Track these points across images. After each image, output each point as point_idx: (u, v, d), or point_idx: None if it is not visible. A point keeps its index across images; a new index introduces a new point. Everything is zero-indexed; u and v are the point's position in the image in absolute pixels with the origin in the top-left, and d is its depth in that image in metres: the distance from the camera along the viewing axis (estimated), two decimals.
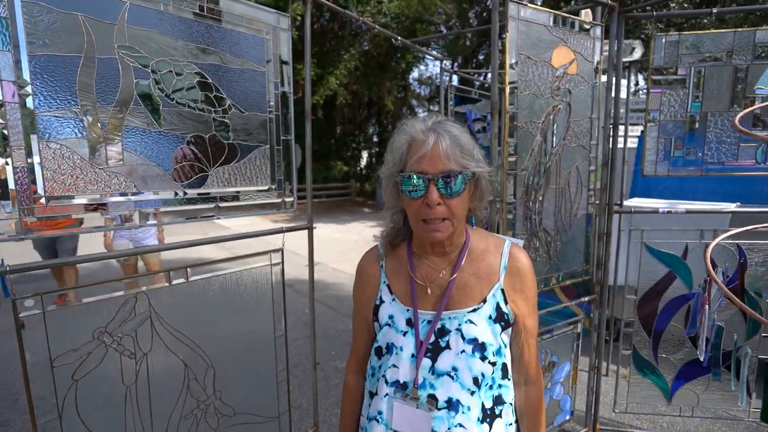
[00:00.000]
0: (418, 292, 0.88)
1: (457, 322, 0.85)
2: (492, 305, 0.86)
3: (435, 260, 0.89)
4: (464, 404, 0.82)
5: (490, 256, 0.90)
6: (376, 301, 0.91)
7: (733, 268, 1.84)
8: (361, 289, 0.95)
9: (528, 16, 1.47)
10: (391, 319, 0.88)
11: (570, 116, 1.63)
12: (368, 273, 0.94)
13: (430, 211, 0.79)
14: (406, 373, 0.85)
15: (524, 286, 0.89)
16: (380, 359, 0.90)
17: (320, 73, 10.19)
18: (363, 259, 0.97)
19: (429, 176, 0.78)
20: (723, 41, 1.76)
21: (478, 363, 0.83)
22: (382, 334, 0.89)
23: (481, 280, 0.87)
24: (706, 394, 2.00)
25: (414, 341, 0.85)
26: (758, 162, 1.78)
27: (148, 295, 1.30)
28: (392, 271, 0.92)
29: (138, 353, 1.29)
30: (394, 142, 0.84)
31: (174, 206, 1.34)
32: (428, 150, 0.78)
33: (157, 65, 1.25)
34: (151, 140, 1.27)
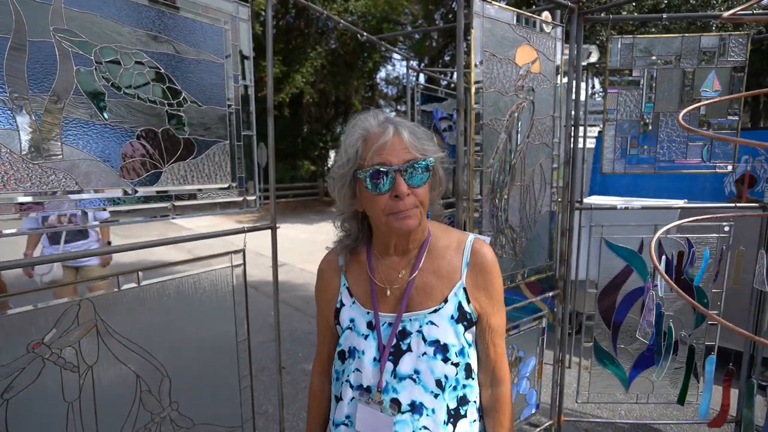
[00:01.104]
0: (378, 295, 0.86)
1: (418, 324, 0.83)
2: (454, 305, 0.83)
3: (395, 260, 0.87)
4: (428, 407, 0.80)
5: (452, 252, 0.86)
6: (336, 304, 0.90)
7: (685, 261, 1.95)
8: (322, 292, 0.94)
9: (492, 14, 1.48)
10: (353, 323, 0.87)
11: (534, 114, 1.66)
12: (328, 276, 0.93)
13: (399, 204, 0.77)
14: (369, 377, 0.83)
15: (488, 283, 0.85)
16: (343, 363, 0.89)
17: (286, 71, 9.99)
18: (323, 262, 0.95)
19: (394, 167, 0.76)
20: (672, 46, 1.85)
21: (441, 365, 0.80)
22: (345, 338, 0.88)
23: (441, 279, 0.84)
24: (660, 381, 2.11)
25: (375, 344, 0.83)
26: (704, 160, 1.89)
27: (93, 302, 1.19)
28: (352, 273, 0.90)
29: (82, 366, 1.18)
30: (347, 139, 0.81)
31: (123, 205, 1.24)
32: (388, 140, 0.76)
33: (101, 52, 1.15)
34: (96, 134, 1.17)
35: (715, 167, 1.91)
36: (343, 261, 0.91)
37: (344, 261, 0.91)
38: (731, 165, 1.89)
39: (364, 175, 0.77)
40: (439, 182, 0.87)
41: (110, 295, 1.24)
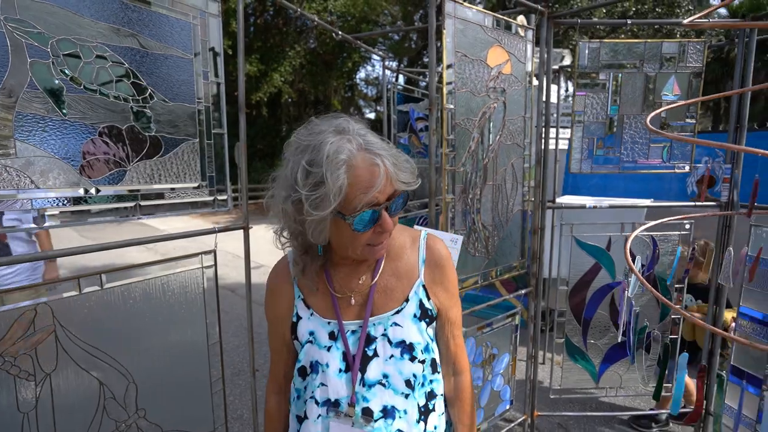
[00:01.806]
0: (341, 303, 0.83)
1: (382, 328, 0.81)
2: (415, 303, 0.83)
3: (351, 268, 0.84)
4: (400, 409, 0.80)
5: (408, 251, 0.87)
6: (292, 318, 0.85)
7: (649, 258, 2.03)
8: (275, 307, 0.88)
9: (464, 16, 1.50)
10: (312, 336, 0.83)
11: (505, 115, 1.69)
12: (280, 288, 0.87)
13: (382, 237, 0.76)
14: (336, 390, 0.79)
15: (444, 277, 0.87)
16: (305, 380, 0.84)
17: (264, 70, 9.84)
18: (273, 274, 0.89)
19: (382, 205, 0.73)
20: (636, 51, 1.93)
21: (408, 365, 0.80)
22: (305, 353, 0.83)
23: (401, 279, 0.84)
24: (628, 374, 2.19)
25: (340, 355, 0.81)
26: (664, 161, 1.98)
27: (51, 307, 1.14)
28: (306, 283, 0.85)
29: (39, 374, 1.13)
30: (326, 167, 0.68)
31: (84, 205, 1.19)
32: (380, 180, 0.70)
33: (58, 44, 1.10)
34: (53, 130, 1.12)
35: (674, 167, 2.00)
36: (296, 269, 0.84)
37: (297, 269, 0.84)
38: (689, 165, 1.98)
39: (356, 219, 0.72)
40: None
41: (71, 299, 1.19)
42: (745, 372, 1.85)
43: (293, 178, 0.71)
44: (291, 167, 0.73)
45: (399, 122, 3.00)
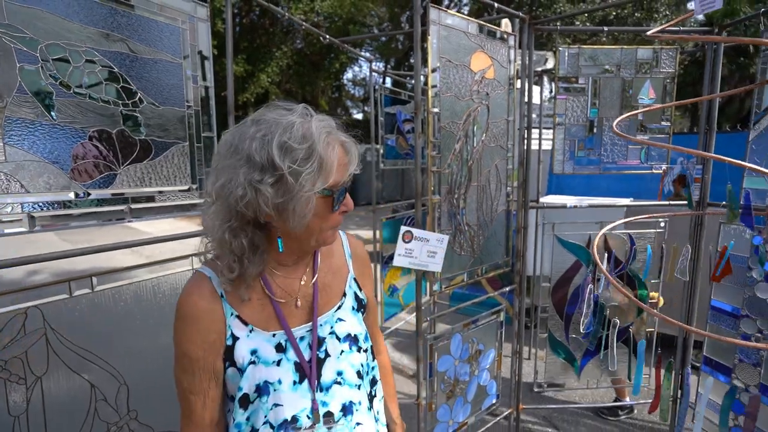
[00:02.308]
0: (284, 310, 0.77)
1: (329, 326, 0.81)
2: (351, 296, 0.86)
3: (290, 270, 0.80)
4: (356, 401, 0.80)
5: (335, 248, 0.89)
6: (226, 342, 0.74)
7: (626, 255, 2.11)
8: (198, 336, 0.73)
9: (448, 22, 1.55)
10: (255, 355, 0.74)
11: (489, 118, 1.75)
12: (204, 312, 0.73)
13: (340, 218, 0.77)
14: (293, 406, 0.73)
15: (366, 269, 0.93)
16: (248, 409, 0.74)
17: (251, 70, 9.77)
18: (190, 298, 0.74)
19: (347, 185, 0.76)
20: (613, 56, 2.01)
21: (357, 356, 0.82)
22: (247, 377, 0.73)
23: (335, 275, 0.86)
24: (606, 367, 2.27)
25: (292, 367, 0.75)
26: (642, 161, 2.07)
27: (41, 310, 1.14)
28: (237, 297, 0.75)
29: (29, 377, 1.13)
30: (321, 142, 0.68)
31: (75, 209, 1.20)
32: (351, 160, 0.75)
33: (47, 49, 1.11)
34: (43, 134, 1.12)
35: (651, 168, 2.09)
36: (225, 279, 0.74)
37: (227, 279, 0.74)
38: (664, 166, 2.07)
39: (337, 195, 0.72)
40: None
41: (61, 302, 1.19)
42: (716, 362, 1.95)
43: (264, 158, 0.66)
44: (255, 148, 0.67)
45: (386, 124, 3.05)
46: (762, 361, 1.79)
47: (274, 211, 0.69)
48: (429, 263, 1.55)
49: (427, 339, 1.66)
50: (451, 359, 1.78)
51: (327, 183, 0.69)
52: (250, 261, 0.73)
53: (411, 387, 3.08)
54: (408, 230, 1.49)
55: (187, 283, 0.77)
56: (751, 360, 1.84)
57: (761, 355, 1.80)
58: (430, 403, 1.72)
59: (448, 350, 1.76)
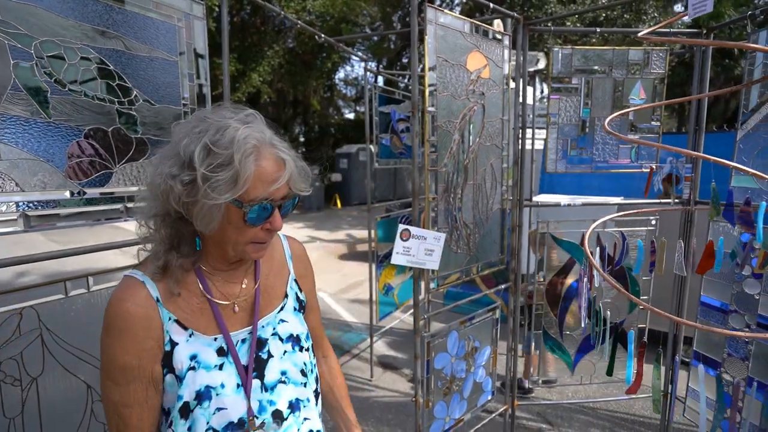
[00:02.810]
0: (224, 314, 0.77)
1: (271, 328, 0.82)
2: (292, 297, 0.88)
3: (230, 274, 0.80)
4: (303, 398, 0.82)
5: (276, 248, 0.90)
6: (165, 348, 0.72)
7: (618, 252, 2.15)
8: (133, 344, 0.69)
9: (444, 22, 1.56)
10: (195, 360, 0.73)
11: (484, 117, 1.77)
12: (138, 317, 0.70)
13: (268, 235, 0.74)
14: (237, 410, 0.73)
15: (306, 270, 0.94)
16: (189, 417, 0.72)
17: (242, 69, 9.70)
18: (120, 301, 0.70)
19: (276, 203, 0.72)
20: (605, 57, 2.04)
21: (300, 355, 0.83)
22: (187, 384, 0.71)
23: (277, 276, 0.87)
24: (600, 363, 2.31)
25: (234, 371, 0.75)
26: (632, 160, 2.11)
27: (36, 310, 1.13)
28: (173, 299, 0.73)
29: (25, 379, 1.12)
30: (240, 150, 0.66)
31: (70, 207, 1.19)
32: (283, 177, 0.70)
33: (42, 46, 1.10)
34: (38, 132, 1.11)
35: (641, 167, 2.13)
36: (156, 289, 0.72)
37: (158, 288, 0.72)
38: (654, 165, 2.11)
39: (251, 209, 0.69)
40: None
41: (57, 303, 1.18)
42: (706, 357, 2.00)
43: (187, 155, 0.67)
44: (186, 144, 0.68)
45: (380, 123, 3.05)
46: (750, 355, 1.84)
47: (182, 209, 0.69)
48: (426, 261, 1.56)
49: (424, 336, 1.67)
50: (447, 356, 1.79)
51: (237, 194, 0.67)
52: (177, 251, 0.74)
53: (406, 385, 3.10)
54: (406, 228, 1.50)
55: (116, 290, 0.73)
56: (739, 354, 1.89)
57: (749, 350, 1.85)
58: (427, 401, 1.73)
59: (444, 347, 1.77)
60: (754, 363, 1.84)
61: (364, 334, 3.97)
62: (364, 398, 2.92)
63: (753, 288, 1.83)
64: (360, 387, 3.08)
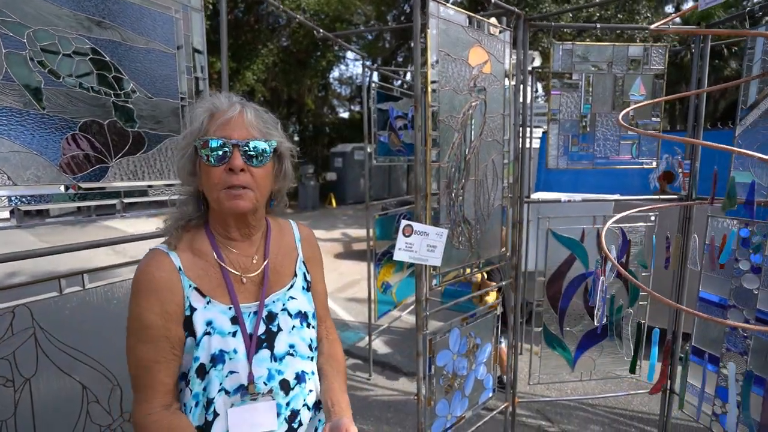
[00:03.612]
0: (235, 285, 0.83)
1: (281, 304, 0.87)
2: (300, 277, 0.92)
3: (242, 246, 0.86)
4: (308, 371, 0.88)
5: (286, 232, 0.96)
6: (186, 312, 0.78)
7: (619, 248, 2.15)
8: (158, 304, 0.76)
9: (446, 16, 1.54)
10: (210, 326, 0.78)
11: (486, 112, 1.76)
12: (163, 282, 0.77)
13: (233, 178, 0.77)
14: (247, 374, 0.79)
15: (316, 254, 0.99)
16: (205, 379, 0.77)
17: (236, 68, 9.62)
18: (147, 267, 0.78)
19: (233, 141, 0.77)
20: (605, 53, 2.04)
21: (307, 331, 0.89)
22: (203, 347, 0.77)
23: (287, 256, 0.92)
24: (600, 359, 2.31)
25: (247, 339, 0.81)
26: (633, 156, 2.11)
27: (30, 309, 1.09)
28: (194, 269, 0.80)
29: (18, 379, 1.08)
30: (194, 110, 0.81)
31: (64, 202, 1.15)
32: (233, 116, 0.78)
33: (35, 35, 1.06)
34: (31, 124, 1.07)
35: (642, 163, 2.13)
36: (179, 258, 0.80)
37: (180, 258, 0.80)
38: (655, 161, 2.12)
39: (202, 145, 0.77)
40: (285, 174, 0.87)
41: (50, 301, 1.14)
42: (705, 352, 2.00)
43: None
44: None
45: (378, 120, 3.03)
46: (749, 349, 1.85)
47: (190, 178, 0.82)
48: (429, 257, 1.55)
49: (426, 334, 1.66)
50: (449, 354, 1.78)
51: (195, 136, 0.78)
52: (187, 212, 0.84)
53: (405, 383, 3.08)
54: (408, 224, 1.48)
55: (142, 260, 0.81)
56: (738, 349, 1.90)
57: (748, 344, 1.86)
58: (429, 399, 1.72)
59: (446, 345, 1.76)
60: (753, 357, 1.85)
61: (362, 333, 3.95)
62: (363, 397, 2.90)
63: (752, 283, 1.84)
64: (359, 386, 3.05)
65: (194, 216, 0.85)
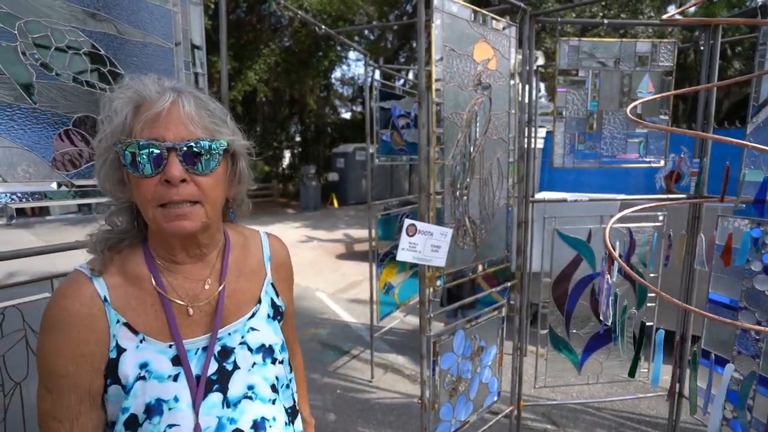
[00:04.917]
0: (179, 318, 0.67)
1: (239, 336, 0.71)
2: (267, 303, 0.77)
3: (190, 269, 0.70)
4: (269, 417, 0.71)
5: (252, 249, 0.80)
6: (110, 354, 0.63)
7: (626, 247, 2.11)
8: (69, 347, 0.61)
9: (451, 10, 1.50)
10: (145, 369, 0.63)
11: (491, 110, 1.72)
12: (80, 317, 0.61)
13: (171, 192, 0.60)
14: (192, 427, 0.63)
15: (288, 274, 0.84)
16: (138, 431, 0.62)
17: (238, 67, 9.60)
18: (61, 298, 0.62)
19: (167, 144, 0.59)
20: (612, 49, 2.00)
21: (271, 368, 0.73)
22: (134, 395, 0.62)
23: (250, 279, 0.76)
24: (607, 362, 2.27)
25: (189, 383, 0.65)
26: (641, 155, 2.07)
27: (21, 310, 1.06)
28: (124, 299, 0.64)
29: (8, 383, 1.04)
30: (114, 101, 0.61)
31: (57, 200, 1.11)
32: (164, 109, 0.59)
33: (26, 26, 1.02)
34: (22, 119, 1.04)
35: (650, 162, 2.09)
36: (105, 286, 0.64)
37: (107, 285, 0.64)
38: (663, 159, 2.08)
39: (125, 150, 0.59)
40: (240, 177, 0.71)
41: (42, 302, 1.10)
42: (711, 353, 1.96)
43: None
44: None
45: (381, 119, 3.00)
46: (761, 352, 1.80)
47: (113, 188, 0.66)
48: (433, 258, 1.51)
49: (431, 336, 1.61)
50: (453, 356, 1.74)
51: (113, 139, 0.60)
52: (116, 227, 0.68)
53: (408, 386, 3.04)
54: (412, 223, 1.44)
55: (59, 285, 0.65)
56: (749, 351, 1.85)
57: (760, 347, 1.81)
58: (433, 402, 1.68)
59: (451, 347, 1.72)
60: (765, 360, 1.80)
61: (363, 334, 3.91)
62: (365, 400, 2.86)
63: (764, 284, 1.79)
64: (360, 388, 3.01)
65: (127, 234, 0.69)
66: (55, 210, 8.27)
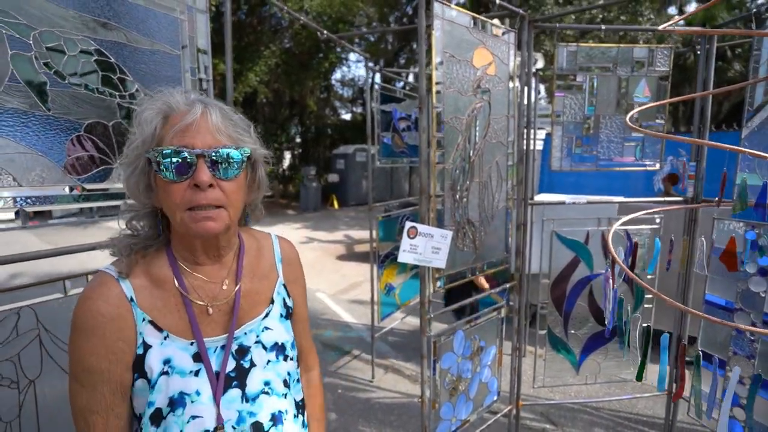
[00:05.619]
0: (199, 317, 0.71)
1: (254, 335, 0.76)
2: (279, 303, 0.82)
3: (209, 270, 0.74)
4: (284, 411, 0.76)
5: (265, 251, 0.84)
6: (137, 351, 0.67)
7: (626, 251, 2.14)
8: (102, 346, 0.65)
9: (451, 17, 1.54)
10: (168, 365, 0.68)
11: (490, 114, 1.75)
12: (110, 318, 0.65)
13: (200, 196, 0.64)
14: (213, 418, 0.68)
15: (299, 276, 0.88)
16: (162, 423, 0.66)
17: (239, 69, 9.66)
18: (92, 302, 0.65)
19: (197, 151, 0.64)
20: (609, 54, 2.04)
21: (284, 365, 0.78)
22: (159, 389, 0.66)
23: (263, 280, 0.81)
24: (605, 362, 2.30)
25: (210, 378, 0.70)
26: (637, 159, 2.10)
27: (35, 310, 1.09)
28: (150, 299, 0.69)
29: (22, 381, 1.08)
30: (144, 112, 0.66)
31: (68, 203, 1.15)
32: (195, 120, 0.65)
33: (41, 36, 1.06)
34: (36, 126, 1.07)
35: (646, 165, 2.12)
36: (131, 287, 0.68)
37: (133, 286, 0.68)
38: (658, 163, 2.11)
39: (158, 157, 0.64)
40: (259, 184, 0.76)
41: (55, 302, 1.14)
42: (714, 357, 1.98)
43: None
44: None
45: (382, 122, 3.03)
46: (756, 353, 1.83)
47: (140, 195, 0.70)
48: (433, 259, 1.54)
49: (431, 336, 1.65)
50: (453, 356, 1.77)
51: (144, 147, 0.66)
52: (141, 233, 0.73)
53: (408, 386, 3.07)
54: (413, 225, 1.47)
55: (87, 287, 0.68)
56: (745, 352, 1.88)
57: (755, 348, 1.84)
58: (434, 401, 1.71)
59: (451, 347, 1.75)
60: (760, 361, 1.83)
61: (364, 335, 3.94)
62: (366, 400, 2.89)
63: (759, 286, 1.83)
64: (361, 388, 3.04)
65: (152, 239, 0.73)
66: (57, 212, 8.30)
